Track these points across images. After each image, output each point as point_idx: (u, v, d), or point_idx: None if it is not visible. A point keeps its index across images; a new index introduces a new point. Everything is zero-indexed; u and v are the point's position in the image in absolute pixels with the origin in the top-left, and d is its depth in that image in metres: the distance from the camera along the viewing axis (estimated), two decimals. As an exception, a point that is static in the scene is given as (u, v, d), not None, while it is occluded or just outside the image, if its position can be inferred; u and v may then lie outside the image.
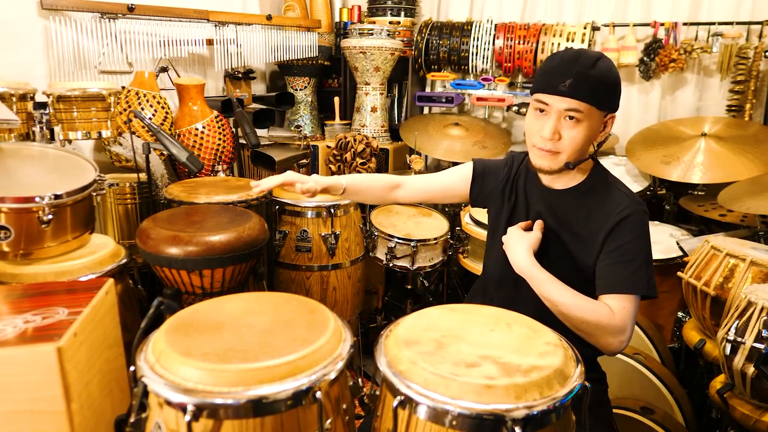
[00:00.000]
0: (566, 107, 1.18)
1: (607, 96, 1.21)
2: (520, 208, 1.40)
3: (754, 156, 2.40)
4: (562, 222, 1.32)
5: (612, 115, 1.26)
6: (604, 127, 1.27)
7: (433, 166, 3.61)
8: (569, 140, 1.21)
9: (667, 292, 2.26)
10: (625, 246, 1.23)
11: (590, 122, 1.21)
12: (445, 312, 1.11)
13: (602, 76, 1.18)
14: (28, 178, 1.60)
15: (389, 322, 1.12)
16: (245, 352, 0.91)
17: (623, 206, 1.24)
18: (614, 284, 1.23)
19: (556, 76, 1.19)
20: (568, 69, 1.18)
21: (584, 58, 1.18)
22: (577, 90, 1.17)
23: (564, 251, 1.31)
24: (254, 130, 2.43)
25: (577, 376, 0.93)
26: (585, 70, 1.17)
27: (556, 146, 1.23)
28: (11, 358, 0.95)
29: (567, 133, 1.21)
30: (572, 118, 1.19)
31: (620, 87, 1.24)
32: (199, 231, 1.62)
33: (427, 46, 3.31)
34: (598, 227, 1.26)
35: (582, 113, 1.18)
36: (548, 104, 1.21)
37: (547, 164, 1.26)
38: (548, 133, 1.21)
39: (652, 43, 2.91)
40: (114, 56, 2.47)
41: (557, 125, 1.21)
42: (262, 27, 2.99)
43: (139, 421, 0.92)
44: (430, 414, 0.87)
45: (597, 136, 1.26)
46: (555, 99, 1.19)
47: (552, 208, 1.34)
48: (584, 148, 1.25)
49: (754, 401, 1.45)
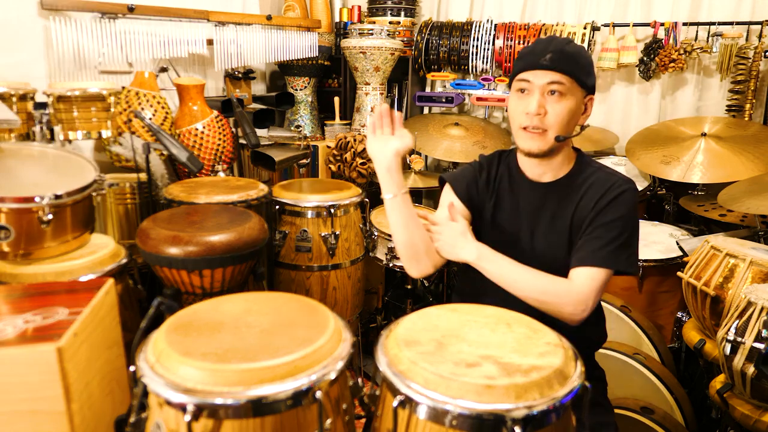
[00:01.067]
0: (549, 80, 1.20)
1: (586, 71, 1.24)
2: (506, 208, 1.36)
3: (754, 156, 2.40)
4: (556, 215, 1.30)
5: (591, 97, 1.28)
6: (585, 109, 1.28)
7: (433, 166, 3.61)
8: (555, 115, 1.22)
9: (667, 292, 2.26)
10: (610, 223, 1.22)
11: (573, 97, 1.22)
12: (446, 312, 1.11)
13: (578, 53, 1.23)
14: (28, 178, 1.60)
15: (389, 322, 1.12)
16: (245, 352, 0.91)
17: (614, 185, 1.25)
18: (583, 257, 1.22)
19: (535, 54, 1.22)
20: (546, 46, 1.22)
21: (558, 39, 1.24)
22: (558, 62, 1.20)
23: (560, 245, 1.30)
24: (254, 130, 2.43)
25: (577, 376, 0.93)
26: (562, 46, 1.21)
27: (542, 122, 1.23)
28: (11, 358, 0.95)
29: (552, 107, 1.22)
30: (555, 93, 1.21)
31: (594, 70, 1.27)
32: (199, 231, 1.62)
33: (427, 46, 3.31)
34: (589, 209, 1.26)
35: (564, 86, 1.21)
36: (530, 81, 1.22)
37: (537, 144, 1.25)
38: (534, 108, 1.21)
39: (652, 43, 2.91)
40: (114, 56, 2.47)
41: (541, 100, 1.22)
42: (262, 27, 2.99)
43: (139, 421, 0.92)
44: (430, 414, 0.87)
45: (578, 118, 1.27)
46: (537, 74, 1.21)
47: (544, 204, 1.32)
48: (570, 126, 1.25)
49: (754, 401, 1.45)
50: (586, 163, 1.33)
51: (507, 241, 1.34)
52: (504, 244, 1.33)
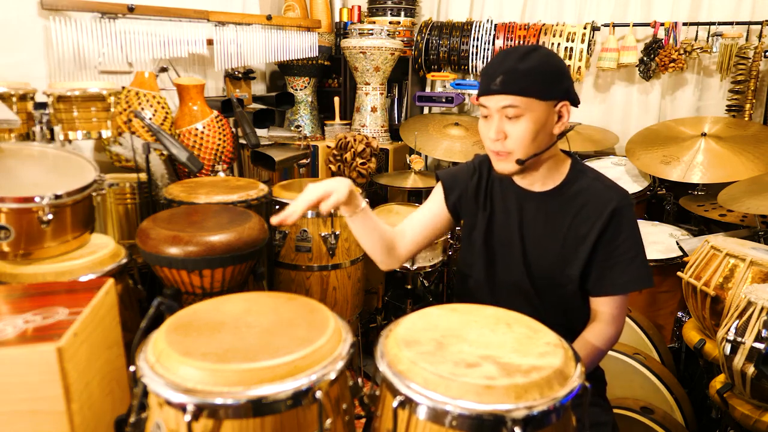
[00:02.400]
0: (502, 105, 1.18)
1: (545, 85, 1.18)
2: (498, 216, 1.34)
3: (754, 156, 2.40)
4: (550, 226, 1.28)
5: (564, 103, 1.21)
6: (560, 117, 1.22)
7: (433, 166, 3.61)
8: (514, 137, 1.19)
9: (667, 292, 2.26)
10: (622, 245, 1.23)
11: (533, 115, 1.18)
12: (446, 312, 1.11)
13: (534, 67, 1.16)
14: (28, 178, 1.60)
15: (389, 322, 1.12)
16: (245, 352, 0.91)
17: (612, 202, 1.23)
18: (610, 287, 1.24)
19: (488, 76, 1.19)
20: (497, 67, 1.18)
21: (514, 53, 1.18)
22: (508, 85, 1.16)
23: (552, 256, 1.28)
24: (254, 130, 2.43)
25: (577, 376, 0.93)
26: (514, 64, 1.16)
27: (504, 146, 1.21)
28: (11, 358, 0.95)
29: (511, 129, 1.20)
30: (512, 115, 1.18)
31: (564, 74, 1.21)
32: (199, 231, 1.62)
33: (427, 46, 3.31)
34: (588, 227, 1.24)
35: (519, 107, 1.17)
36: (487, 106, 1.21)
37: (505, 167, 1.24)
38: (493, 134, 1.20)
39: (652, 43, 2.91)
40: (114, 56, 2.47)
41: (499, 124, 1.20)
42: (262, 27, 2.99)
43: (139, 421, 0.92)
44: (430, 414, 0.87)
45: (551, 128, 1.22)
46: (490, 99, 1.19)
47: (536, 213, 1.30)
48: (536, 143, 1.21)
49: (754, 401, 1.45)
50: (579, 171, 1.30)
51: (499, 248, 1.34)
52: (497, 252, 1.34)
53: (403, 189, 2.80)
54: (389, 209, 2.56)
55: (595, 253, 1.24)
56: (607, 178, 1.30)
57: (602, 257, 1.24)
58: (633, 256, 1.23)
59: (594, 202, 1.24)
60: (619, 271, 1.23)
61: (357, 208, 1.30)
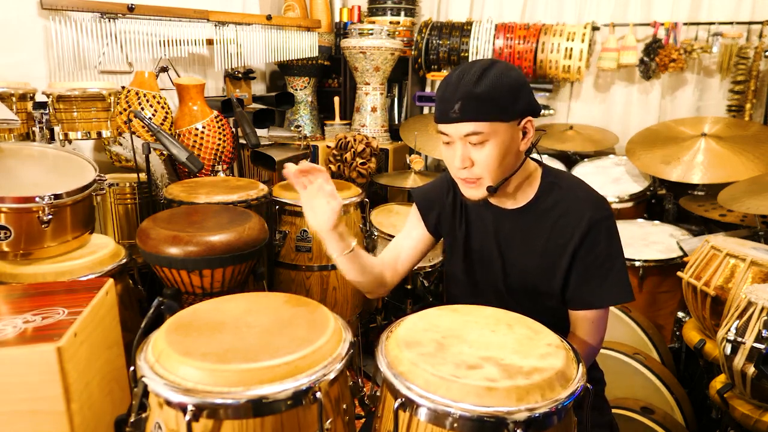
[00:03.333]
0: (464, 132, 1.11)
1: (506, 105, 1.11)
2: (476, 234, 1.31)
3: (754, 156, 2.40)
4: (528, 242, 1.25)
5: (528, 119, 1.16)
6: (525, 133, 1.17)
7: (433, 166, 3.61)
8: (482, 163, 1.14)
9: (667, 292, 2.26)
10: (599, 258, 1.19)
11: (498, 138, 1.12)
12: (446, 312, 1.11)
13: (491, 90, 1.09)
14: (28, 178, 1.60)
15: (389, 322, 1.12)
16: (245, 352, 0.91)
17: (588, 214, 1.18)
18: (588, 300, 1.21)
19: (446, 102, 1.12)
20: (453, 92, 1.10)
21: (468, 75, 1.10)
22: (468, 112, 1.09)
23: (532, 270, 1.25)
24: (254, 130, 2.43)
25: (578, 378, 0.93)
26: (470, 89, 1.09)
27: (472, 173, 1.16)
28: (11, 358, 0.95)
29: (477, 156, 1.14)
30: (476, 141, 1.12)
31: (523, 88, 1.13)
32: (199, 231, 1.62)
33: (427, 46, 3.31)
34: (566, 239, 1.20)
35: (482, 133, 1.11)
36: (448, 134, 1.15)
37: (474, 193, 1.19)
38: (459, 162, 1.15)
39: (652, 43, 2.91)
40: (114, 56, 2.47)
41: (464, 152, 1.14)
42: (262, 27, 2.99)
43: (139, 421, 0.92)
44: (431, 416, 0.87)
45: (517, 146, 1.17)
46: (450, 127, 1.13)
47: (513, 230, 1.26)
48: (504, 165, 1.16)
49: (754, 401, 1.45)
50: (551, 183, 1.24)
51: (479, 265, 1.32)
52: (477, 268, 1.33)
53: (403, 189, 2.80)
54: (389, 209, 2.56)
55: (573, 266, 1.20)
56: (583, 186, 1.25)
57: (580, 269, 1.20)
58: (609, 268, 1.19)
59: (570, 213, 1.20)
60: (597, 284, 1.19)
61: (347, 248, 1.26)
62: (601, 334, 1.25)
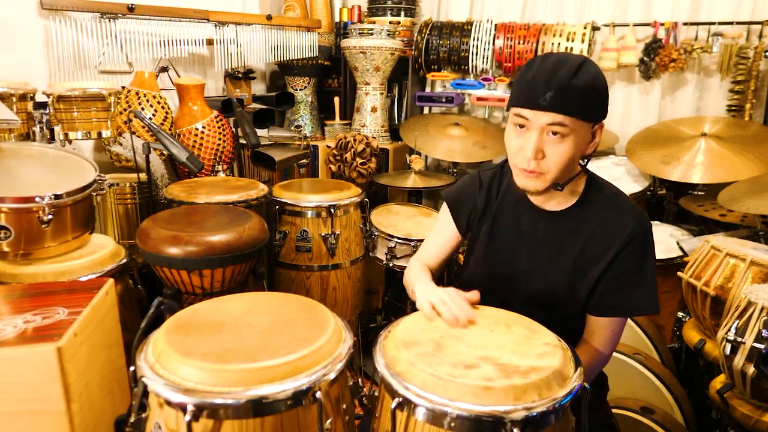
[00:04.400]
0: (549, 122, 1.07)
1: (594, 105, 1.10)
2: (504, 234, 1.28)
3: (754, 156, 2.40)
4: (562, 248, 1.22)
5: (601, 124, 1.15)
6: (593, 138, 1.15)
7: (433, 166, 3.61)
8: (555, 158, 1.10)
9: (667, 292, 2.26)
10: (632, 269, 1.17)
11: (577, 136, 1.10)
12: (445, 312, 1.11)
13: (587, 85, 1.07)
14: (28, 178, 1.60)
15: (389, 322, 1.12)
16: (245, 352, 0.91)
17: (628, 227, 1.16)
18: (613, 308, 1.20)
19: (536, 87, 1.07)
20: (548, 80, 1.06)
21: (567, 66, 1.06)
22: (560, 103, 1.05)
23: (560, 277, 1.22)
24: (254, 130, 2.43)
25: (576, 377, 0.93)
26: (567, 80, 1.05)
27: (540, 166, 1.11)
28: (11, 358, 0.95)
29: (552, 150, 1.10)
30: (556, 134, 1.08)
31: (608, 93, 1.13)
32: (199, 231, 1.62)
33: (427, 46, 3.31)
34: (602, 250, 1.18)
35: (567, 127, 1.07)
36: (528, 119, 1.09)
37: (533, 185, 1.15)
38: (531, 152, 1.09)
39: (652, 43, 2.91)
40: (114, 56, 2.47)
41: (540, 142, 1.09)
42: (262, 27, 2.99)
43: (139, 421, 0.92)
44: (428, 416, 0.87)
45: (586, 149, 1.15)
46: (536, 114, 1.08)
47: (548, 233, 1.23)
48: (572, 165, 1.14)
49: (754, 401, 1.45)
50: (596, 191, 1.22)
51: (503, 267, 1.29)
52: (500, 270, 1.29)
53: (403, 189, 2.80)
54: (389, 209, 2.56)
55: (604, 274, 1.19)
56: (624, 197, 1.23)
57: (610, 277, 1.18)
58: (641, 280, 1.17)
59: (610, 225, 1.18)
60: (625, 293, 1.18)
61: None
62: (615, 342, 1.24)
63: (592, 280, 1.19)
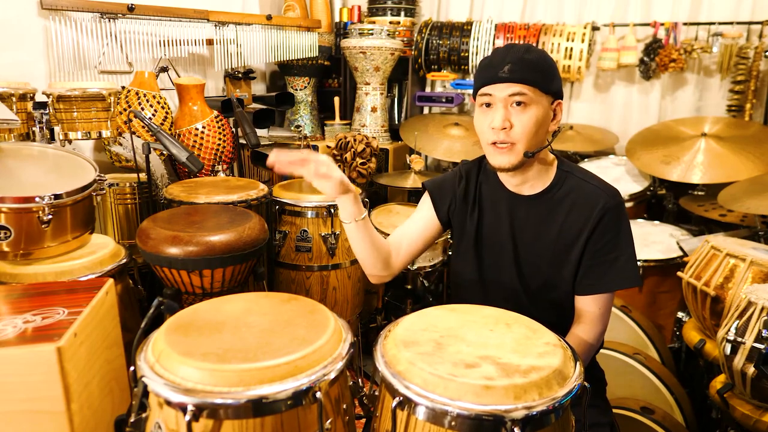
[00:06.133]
0: (511, 92, 1.17)
1: (549, 78, 1.20)
2: (489, 221, 1.34)
3: (754, 156, 2.40)
4: (541, 229, 1.28)
5: (558, 102, 1.24)
6: (555, 116, 1.24)
7: (433, 166, 3.61)
8: (521, 127, 1.19)
9: (667, 292, 2.26)
10: (608, 245, 1.23)
11: (539, 106, 1.19)
12: (445, 312, 1.11)
13: (539, 59, 1.19)
14: (28, 178, 1.60)
15: (389, 322, 1.12)
16: (245, 352, 0.91)
17: (600, 203, 1.22)
18: (595, 286, 1.24)
19: (493, 66, 1.19)
20: (503, 57, 1.18)
21: (517, 47, 1.20)
22: (518, 73, 1.16)
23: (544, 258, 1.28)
24: (254, 130, 2.43)
25: (576, 377, 0.93)
26: (520, 55, 1.17)
27: (509, 135, 1.19)
28: (11, 358, 0.95)
29: (517, 119, 1.19)
30: (519, 104, 1.18)
31: (558, 72, 1.24)
32: (199, 231, 1.62)
33: (427, 46, 3.31)
34: (579, 228, 1.24)
35: (527, 95, 1.17)
36: (492, 94, 1.19)
37: (507, 159, 1.21)
38: (499, 122, 1.18)
39: (652, 43, 2.91)
40: (114, 56, 2.47)
41: (506, 113, 1.19)
42: (262, 27, 2.99)
43: (139, 421, 0.92)
44: (428, 415, 0.87)
45: (548, 125, 1.24)
46: (498, 87, 1.18)
47: (527, 217, 1.29)
48: (539, 136, 1.22)
49: (754, 401, 1.45)
50: (567, 172, 1.29)
51: (490, 252, 1.34)
52: (488, 256, 1.34)
53: (403, 189, 2.80)
54: (389, 209, 2.56)
55: (584, 252, 1.24)
56: (595, 177, 1.29)
57: (588, 256, 1.24)
58: (618, 254, 1.23)
59: (583, 202, 1.24)
60: (604, 269, 1.23)
61: (359, 214, 1.26)
62: (603, 324, 1.27)
63: (574, 260, 1.25)
